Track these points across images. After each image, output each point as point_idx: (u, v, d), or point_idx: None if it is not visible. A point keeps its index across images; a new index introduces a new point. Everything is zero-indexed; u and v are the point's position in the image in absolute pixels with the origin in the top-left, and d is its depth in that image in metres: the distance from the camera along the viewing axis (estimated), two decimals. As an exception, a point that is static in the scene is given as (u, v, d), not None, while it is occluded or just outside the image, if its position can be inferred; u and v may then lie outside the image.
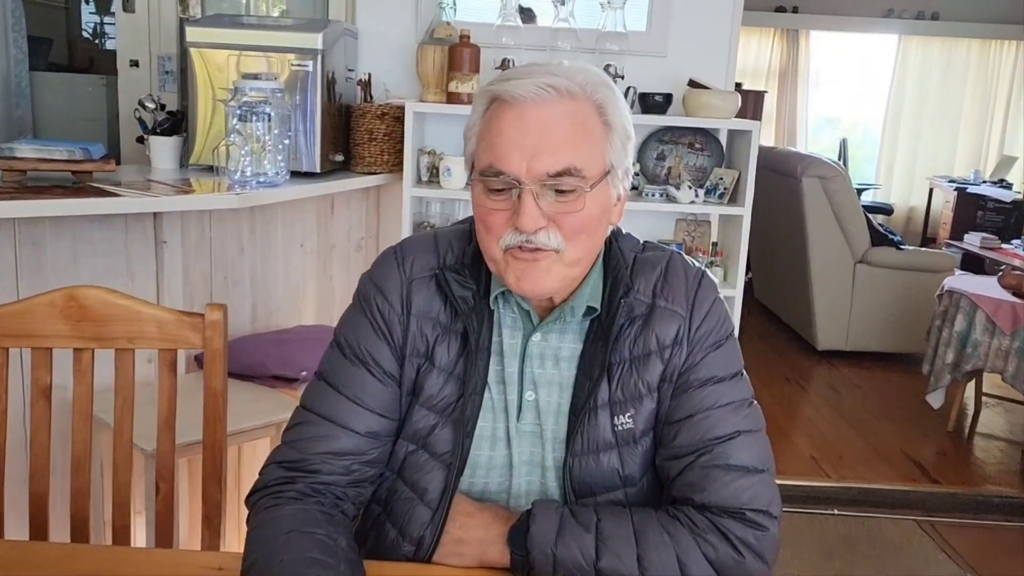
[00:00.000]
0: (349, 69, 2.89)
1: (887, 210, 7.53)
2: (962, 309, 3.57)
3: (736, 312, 2.90)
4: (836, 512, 3.00)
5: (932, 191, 7.52)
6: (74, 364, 1.29)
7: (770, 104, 7.49)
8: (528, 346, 1.07)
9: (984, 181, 7.04)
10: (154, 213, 2.16)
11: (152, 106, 2.58)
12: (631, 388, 1.05)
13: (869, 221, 4.63)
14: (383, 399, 1.06)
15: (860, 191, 6.67)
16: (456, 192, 2.89)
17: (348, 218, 2.96)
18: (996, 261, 5.34)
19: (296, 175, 2.53)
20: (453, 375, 1.06)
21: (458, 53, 2.76)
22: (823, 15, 7.44)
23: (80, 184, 2.07)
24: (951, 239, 6.45)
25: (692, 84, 2.93)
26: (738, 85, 3.27)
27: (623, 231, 1.13)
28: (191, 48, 2.53)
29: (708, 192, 2.99)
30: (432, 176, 2.94)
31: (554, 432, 1.07)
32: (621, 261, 1.08)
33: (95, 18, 5.46)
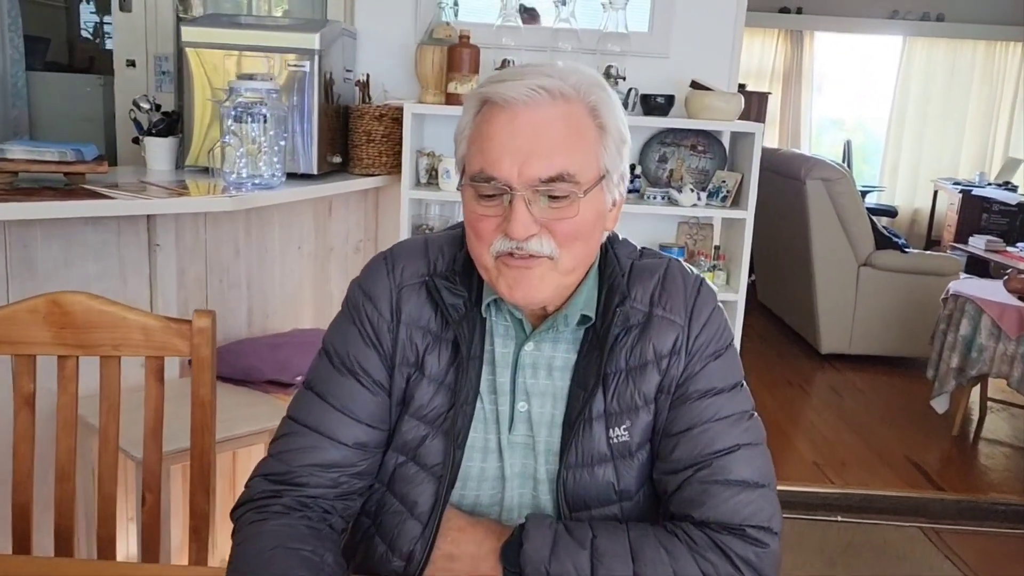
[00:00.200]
0: (347, 70, 2.86)
1: (891, 212, 7.51)
2: (967, 313, 3.54)
3: (739, 316, 2.86)
4: (839, 519, 2.97)
5: (936, 193, 7.50)
6: (58, 372, 1.26)
7: (774, 106, 7.46)
8: (521, 355, 1.04)
9: (989, 183, 7.01)
10: (147, 216, 2.13)
11: (147, 107, 2.55)
12: (627, 400, 1.02)
13: (873, 224, 4.60)
14: (372, 409, 1.04)
15: (864, 193, 6.64)
16: (455, 194, 2.85)
17: (346, 220, 2.93)
18: (1001, 264, 5.30)
19: (293, 177, 2.50)
20: (444, 385, 1.03)
21: (457, 54, 2.73)
22: (827, 16, 7.41)
23: (72, 186, 2.04)
24: (956, 242, 6.41)
25: (695, 85, 2.90)
26: (742, 86, 3.25)
27: (619, 237, 1.10)
28: (187, 48, 2.51)
29: (710, 195, 2.96)
30: (431, 178, 2.91)
31: (547, 444, 1.04)
32: (617, 268, 1.05)
33: (95, 18, 5.44)
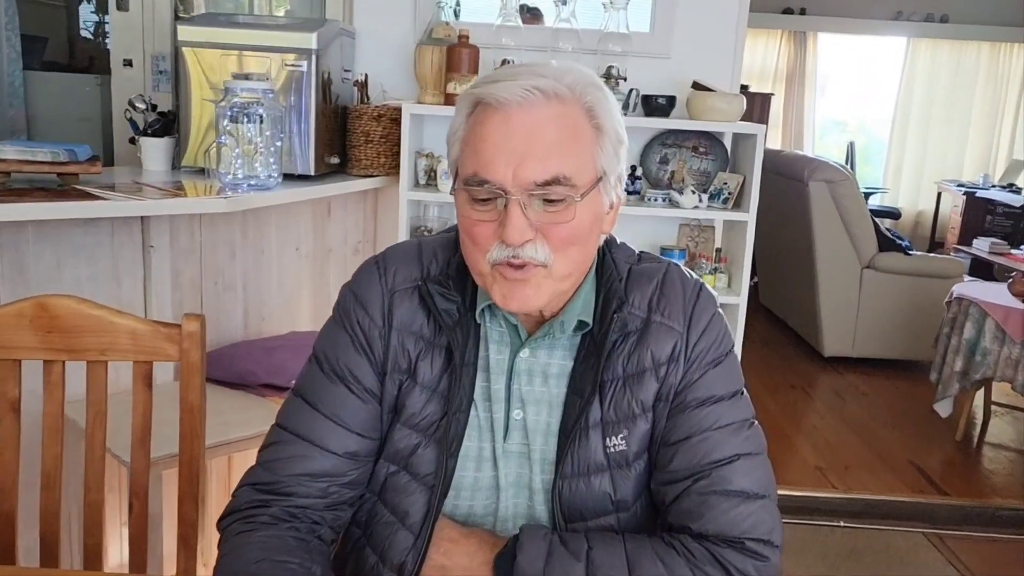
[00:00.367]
0: (345, 70, 2.83)
1: (895, 214, 7.48)
2: (971, 316, 3.51)
3: (740, 320, 2.83)
4: (842, 524, 2.94)
5: (940, 195, 7.46)
6: (44, 377, 1.24)
7: (777, 107, 7.43)
8: (516, 362, 1.01)
9: (993, 185, 6.99)
10: (141, 217, 2.10)
11: (143, 106, 2.53)
12: (624, 408, 1.00)
13: (876, 226, 4.57)
14: (362, 417, 1.01)
15: (867, 195, 6.61)
16: (454, 196, 2.82)
17: (345, 221, 2.90)
18: (1005, 267, 5.27)
19: (290, 178, 2.47)
20: (437, 392, 1.01)
21: (456, 54, 2.70)
22: (831, 17, 7.37)
23: (65, 187, 2.01)
24: (960, 244, 6.37)
25: (696, 86, 2.87)
26: (744, 87, 3.21)
27: (617, 241, 1.08)
28: (183, 47, 2.48)
29: (712, 197, 2.93)
30: (430, 179, 2.88)
31: (542, 453, 1.01)
32: (615, 273, 1.03)
33: (95, 17, 5.41)
